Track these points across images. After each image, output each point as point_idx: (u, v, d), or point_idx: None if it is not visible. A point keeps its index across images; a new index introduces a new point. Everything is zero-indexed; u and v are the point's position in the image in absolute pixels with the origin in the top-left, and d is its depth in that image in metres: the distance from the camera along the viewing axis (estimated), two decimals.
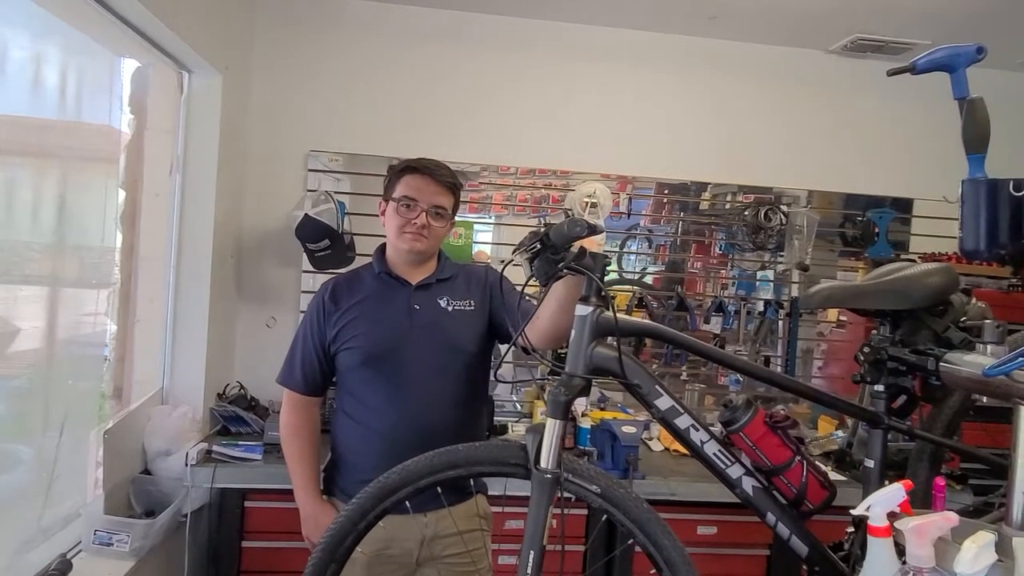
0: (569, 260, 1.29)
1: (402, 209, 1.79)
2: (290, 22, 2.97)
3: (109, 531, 1.93)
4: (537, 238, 1.28)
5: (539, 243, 1.28)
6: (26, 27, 1.80)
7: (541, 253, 1.29)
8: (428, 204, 1.78)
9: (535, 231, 1.29)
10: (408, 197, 1.79)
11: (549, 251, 1.28)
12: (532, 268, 1.31)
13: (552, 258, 1.28)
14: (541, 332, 1.59)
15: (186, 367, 2.50)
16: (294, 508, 1.85)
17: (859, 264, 3.28)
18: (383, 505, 1.31)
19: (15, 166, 1.84)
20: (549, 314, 1.55)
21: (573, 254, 1.29)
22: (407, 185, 1.80)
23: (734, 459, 1.37)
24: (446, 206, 1.82)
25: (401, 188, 1.80)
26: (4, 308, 1.83)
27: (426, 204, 1.78)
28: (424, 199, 1.78)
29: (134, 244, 2.40)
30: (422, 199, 1.78)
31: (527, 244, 1.29)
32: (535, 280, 1.32)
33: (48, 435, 1.93)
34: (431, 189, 1.80)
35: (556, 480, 1.24)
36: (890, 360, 1.38)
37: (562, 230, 1.25)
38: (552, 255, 1.28)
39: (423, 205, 1.78)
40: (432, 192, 1.79)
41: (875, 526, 1.07)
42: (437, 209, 1.80)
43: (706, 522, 2.50)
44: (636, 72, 3.17)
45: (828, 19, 2.90)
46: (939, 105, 2.71)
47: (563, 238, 1.26)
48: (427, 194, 1.79)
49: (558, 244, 1.27)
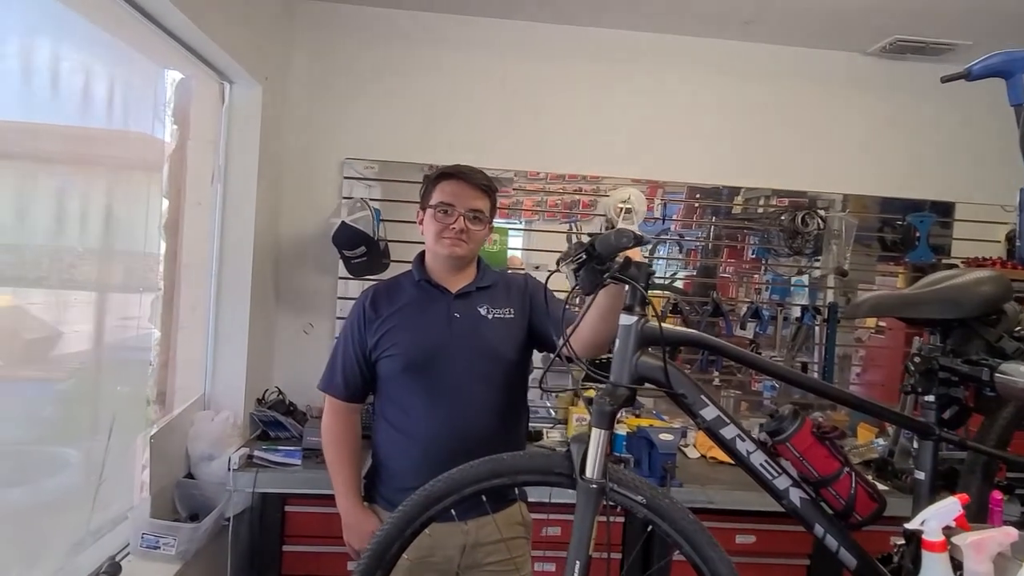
0: (614, 270, 1.29)
1: (440, 215, 1.80)
2: (326, 32, 3.01)
3: (156, 534, 1.96)
4: (582, 248, 1.29)
5: (584, 253, 1.29)
6: (75, 41, 1.85)
7: (586, 263, 1.29)
8: (465, 208, 1.80)
9: (579, 242, 1.30)
10: (445, 203, 1.80)
11: (594, 261, 1.28)
12: (577, 278, 1.31)
13: (597, 268, 1.29)
14: (583, 341, 1.59)
15: (227, 373, 2.54)
16: (333, 513, 1.87)
17: (899, 269, 3.23)
18: (428, 513, 1.31)
19: (64, 175, 1.89)
20: (591, 323, 1.55)
21: (619, 264, 1.29)
22: (443, 191, 1.82)
23: (781, 470, 1.36)
24: (483, 209, 1.84)
25: (438, 194, 1.82)
26: (54, 313, 1.88)
27: (463, 208, 1.80)
28: (461, 203, 1.80)
29: (177, 252, 2.45)
30: (459, 203, 1.80)
31: (572, 254, 1.30)
32: (580, 290, 1.32)
33: (96, 439, 1.97)
34: (467, 193, 1.81)
35: (602, 490, 1.23)
36: (941, 370, 1.36)
37: (609, 241, 1.26)
38: (597, 265, 1.29)
39: (460, 209, 1.79)
40: (469, 196, 1.81)
41: (931, 541, 1.06)
42: (475, 213, 1.81)
43: (745, 531, 2.48)
44: (667, 77, 3.16)
45: (866, 21, 2.86)
46: (981, 107, 2.67)
47: (609, 249, 1.26)
48: (464, 198, 1.80)
49: (604, 254, 1.28)
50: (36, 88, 1.69)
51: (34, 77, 1.67)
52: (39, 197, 1.77)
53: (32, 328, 1.82)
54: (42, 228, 1.79)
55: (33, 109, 1.73)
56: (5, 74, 1.59)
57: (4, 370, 1.70)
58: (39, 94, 1.71)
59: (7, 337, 1.72)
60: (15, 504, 1.68)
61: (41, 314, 1.86)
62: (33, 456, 1.81)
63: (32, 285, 1.80)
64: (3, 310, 1.73)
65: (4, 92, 1.61)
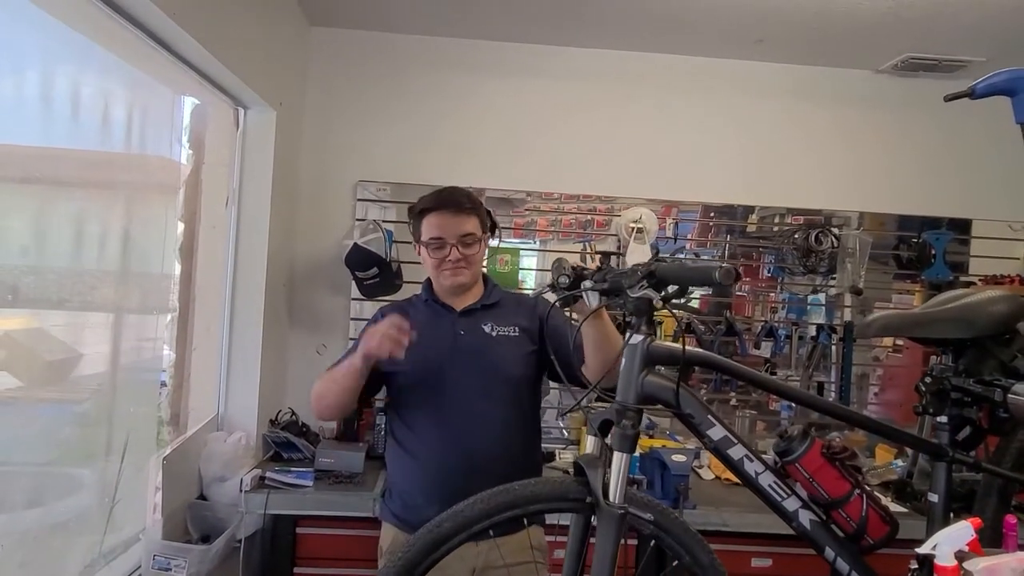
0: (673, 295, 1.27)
1: (433, 251, 1.82)
2: (340, 57, 3.06)
3: (167, 556, 1.97)
4: (643, 276, 1.25)
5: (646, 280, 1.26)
6: (94, 69, 1.90)
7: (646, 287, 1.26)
8: (455, 237, 1.81)
9: (636, 267, 1.27)
10: (434, 238, 1.82)
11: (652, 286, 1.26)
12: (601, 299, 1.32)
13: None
14: (590, 369, 1.60)
15: (240, 393, 2.56)
16: (345, 535, 1.87)
17: (915, 287, 3.19)
18: (434, 556, 1.23)
19: (83, 199, 1.93)
20: (591, 355, 1.58)
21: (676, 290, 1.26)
22: (430, 225, 1.83)
23: (790, 491, 1.34)
24: (473, 231, 1.84)
25: (426, 230, 1.84)
26: (73, 334, 1.91)
27: (453, 238, 1.81)
28: (450, 234, 1.81)
29: (192, 274, 2.48)
30: (448, 234, 1.81)
31: (634, 280, 1.26)
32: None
33: (110, 460, 1.99)
34: (453, 222, 1.82)
35: (625, 515, 1.22)
36: (954, 391, 1.34)
37: (700, 275, 1.22)
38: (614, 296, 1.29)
39: (451, 240, 1.81)
40: (455, 224, 1.82)
41: (942, 566, 1.03)
42: (465, 239, 1.82)
43: (760, 554, 2.43)
44: (680, 97, 3.16)
45: (877, 39, 2.85)
46: (996, 123, 2.64)
47: (693, 280, 1.25)
48: (451, 228, 1.82)
49: (679, 283, 1.25)
50: (56, 114, 1.73)
51: (54, 104, 1.71)
52: (59, 220, 1.80)
53: (53, 350, 1.85)
54: (62, 251, 1.82)
55: (53, 135, 1.77)
56: (26, 101, 1.63)
57: (25, 391, 1.73)
58: (59, 120, 1.75)
59: (28, 358, 1.75)
60: (30, 525, 1.70)
61: (61, 335, 1.89)
62: (49, 477, 1.83)
63: (53, 307, 1.83)
64: (25, 332, 1.76)
65: (25, 119, 1.65)
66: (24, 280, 1.72)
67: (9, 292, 1.67)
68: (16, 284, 1.69)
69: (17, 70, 1.61)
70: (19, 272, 1.70)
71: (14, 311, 1.72)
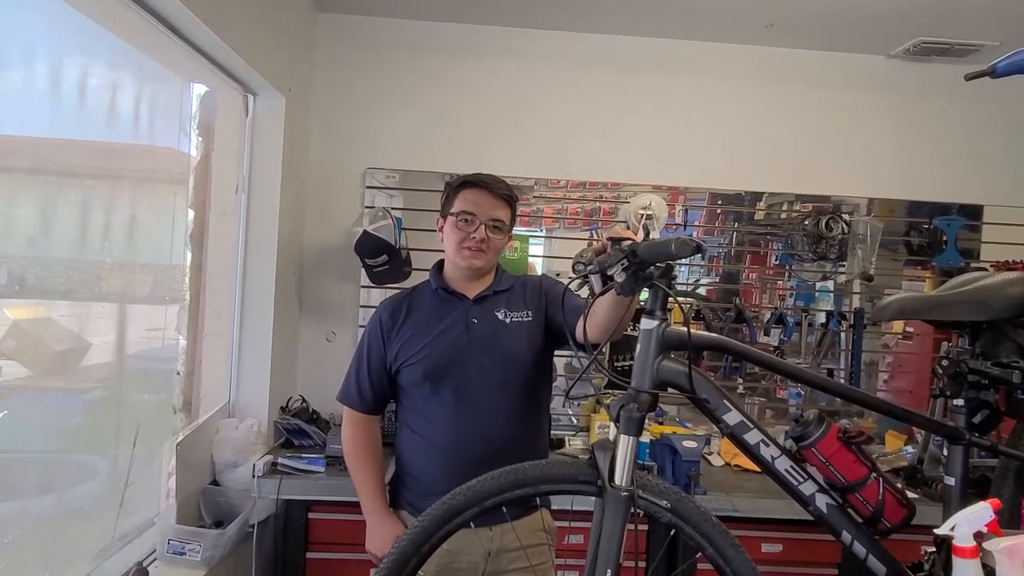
0: (658, 275, 1.27)
1: (461, 224, 1.81)
2: (348, 44, 3.05)
3: (182, 540, 1.98)
4: (624, 255, 1.27)
5: (626, 259, 1.27)
6: (103, 57, 1.89)
7: (628, 268, 1.28)
8: (486, 217, 1.80)
9: (619, 248, 1.28)
10: (466, 212, 1.80)
11: (635, 267, 1.27)
12: (610, 282, 1.31)
13: (641, 274, 1.28)
14: (597, 324, 1.59)
15: (252, 381, 2.57)
16: (357, 520, 1.88)
17: (926, 273, 3.17)
18: (448, 527, 1.27)
19: (92, 188, 1.93)
20: (605, 305, 1.54)
21: (661, 269, 1.27)
22: (465, 200, 1.82)
23: (807, 475, 1.34)
24: (504, 219, 1.84)
25: (459, 203, 1.82)
26: (83, 323, 1.92)
27: (484, 218, 1.80)
28: (482, 213, 1.80)
29: (202, 262, 2.48)
30: (480, 213, 1.80)
31: (613, 260, 1.28)
32: (618, 291, 1.31)
33: (122, 447, 2.00)
34: (489, 203, 1.81)
35: (632, 497, 1.22)
36: (971, 373, 1.33)
37: (665, 250, 1.22)
38: (640, 270, 1.28)
39: (481, 219, 1.80)
40: (490, 206, 1.81)
41: (961, 546, 1.03)
42: (495, 222, 1.81)
43: (771, 539, 2.44)
44: (688, 82, 3.15)
45: (889, 23, 2.82)
46: (1009, 109, 2.63)
47: (661, 256, 1.24)
48: (485, 208, 1.81)
49: (648, 260, 1.26)
50: (65, 104, 1.72)
51: (63, 93, 1.71)
52: (68, 210, 1.81)
53: (62, 339, 1.86)
54: (71, 241, 1.82)
55: (62, 124, 1.77)
56: (35, 91, 1.63)
57: (34, 380, 1.74)
58: (68, 110, 1.74)
59: (37, 348, 1.76)
60: (44, 511, 1.71)
61: (70, 325, 1.89)
62: (62, 464, 1.84)
63: (62, 297, 1.83)
64: (33, 321, 1.76)
65: (34, 108, 1.65)
66: (32, 270, 1.73)
67: (17, 282, 1.68)
68: (23, 274, 1.69)
69: (27, 60, 1.61)
70: (27, 262, 1.71)
71: (23, 301, 1.72)
